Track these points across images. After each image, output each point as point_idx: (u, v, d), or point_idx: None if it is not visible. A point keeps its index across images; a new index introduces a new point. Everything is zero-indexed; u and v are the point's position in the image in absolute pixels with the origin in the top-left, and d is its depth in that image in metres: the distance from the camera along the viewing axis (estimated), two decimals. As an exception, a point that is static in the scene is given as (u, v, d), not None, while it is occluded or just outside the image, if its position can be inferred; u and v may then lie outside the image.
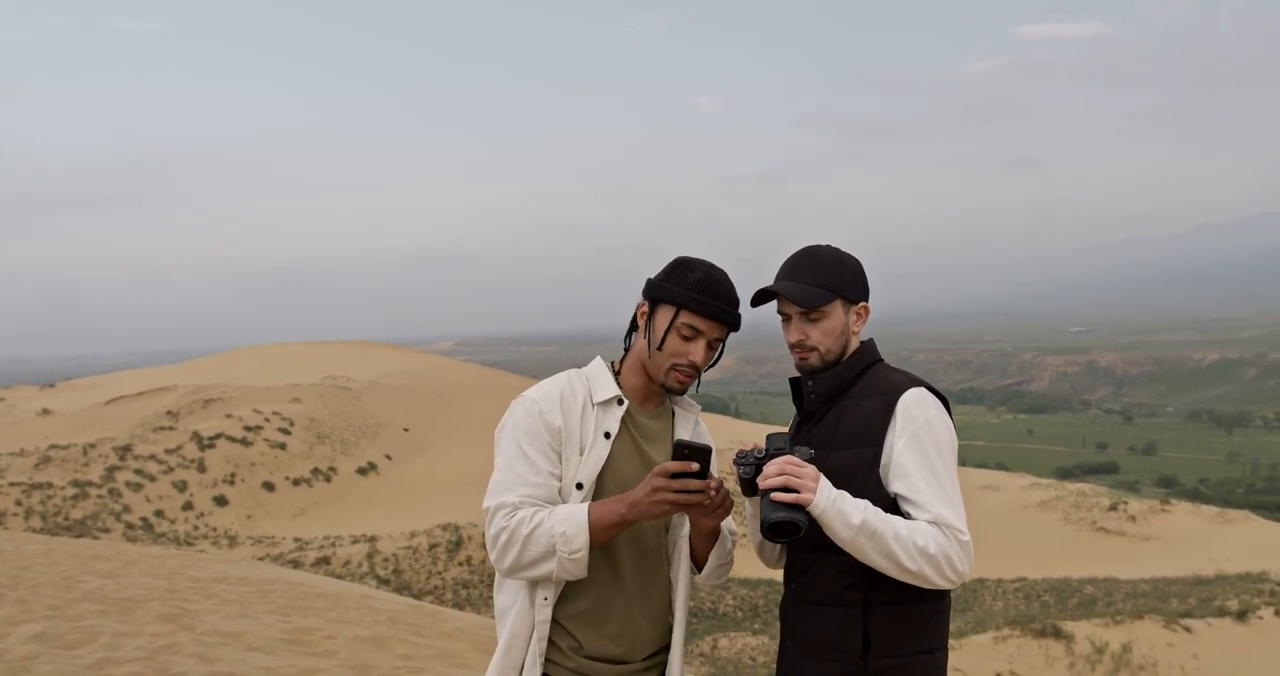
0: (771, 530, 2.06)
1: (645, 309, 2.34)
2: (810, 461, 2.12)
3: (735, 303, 2.31)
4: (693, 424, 2.45)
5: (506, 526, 2.16)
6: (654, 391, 2.39)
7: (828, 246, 2.37)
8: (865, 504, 2.11)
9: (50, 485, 55.17)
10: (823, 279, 2.29)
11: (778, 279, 2.34)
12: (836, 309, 2.31)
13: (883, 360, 2.40)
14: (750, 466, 2.17)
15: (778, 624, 2.47)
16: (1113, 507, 54.27)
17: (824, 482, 2.09)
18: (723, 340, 2.35)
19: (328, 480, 64.24)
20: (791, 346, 2.34)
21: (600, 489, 2.26)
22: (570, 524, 2.13)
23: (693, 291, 2.26)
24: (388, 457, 69.60)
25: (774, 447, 2.15)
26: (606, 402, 2.31)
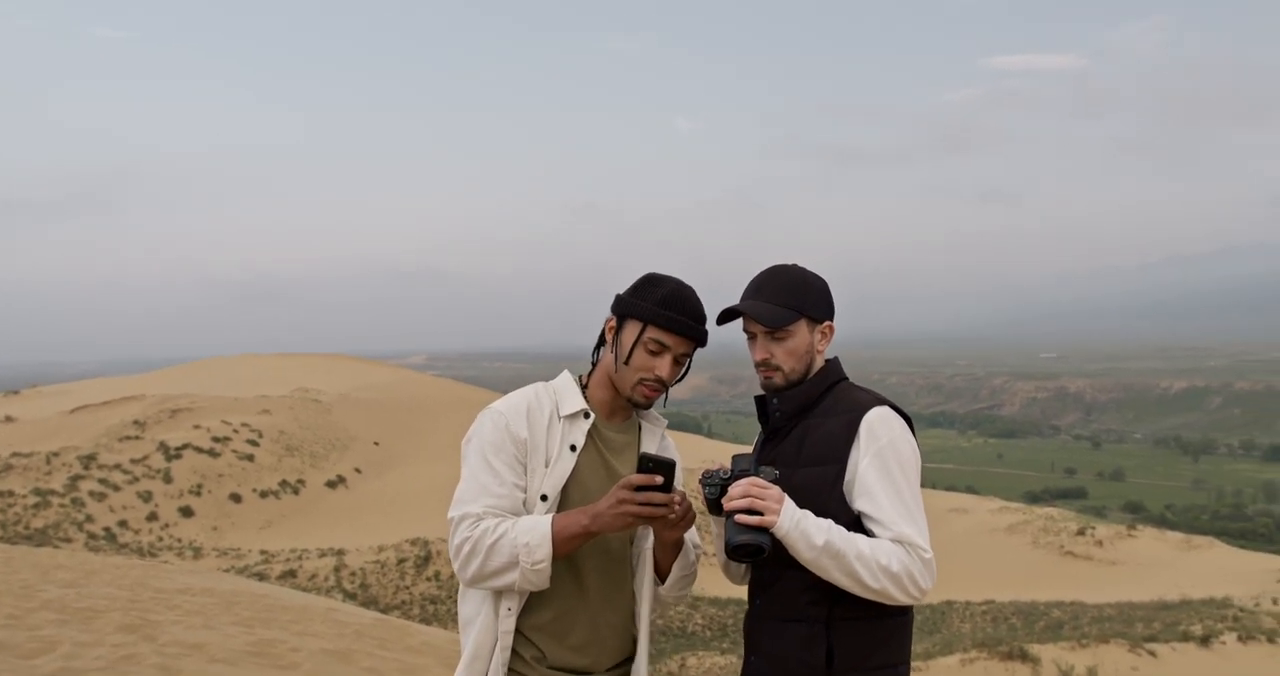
0: (735, 551, 2.08)
1: (613, 324, 2.36)
2: (775, 481, 2.14)
3: (702, 319, 2.33)
4: (659, 438, 2.47)
5: (470, 536, 2.17)
6: (621, 405, 2.40)
7: (793, 266, 2.39)
8: (829, 524, 2.13)
9: (11, 493, 54.31)
10: (787, 298, 2.32)
11: (744, 298, 2.36)
12: (801, 328, 2.33)
13: (847, 379, 2.42)
14: (716, 487, 2.18)
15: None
16: (1080, 532, 54.69)
17: (788, 504, 2.11)
18: (689, 356, 2.36)
19: (296, 493, 63.63)
20: (757, 365, 2.37)
21: (565, 501, 2.27)
22: (533, 535, 2.15)
23: (660, 307, 2.28)
24: (357, 471, 69.07)
25: (739, 469, 2.16)
26: (573, 416, 2.32)
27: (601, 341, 2.41)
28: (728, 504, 2.10)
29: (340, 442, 72.96)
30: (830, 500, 2.21)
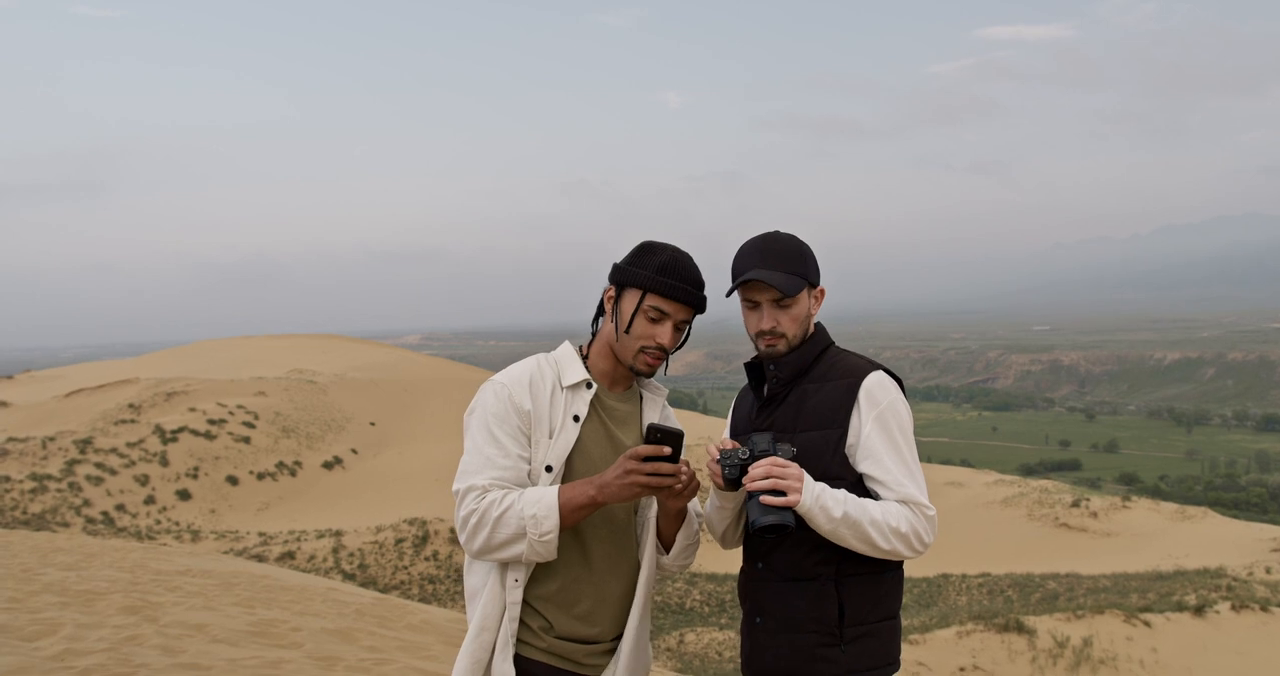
0: (762, 531, 2.15)
1: (612, 293, 2.37)
2: (792, 460, 2.20)
3: (701, 285, 2.35)
4: (660, 408, 2.49)
5: (476, 509, 2.18)
6: (622, 375, 2.43)
7: (787, 233, 2.44)
8: (844, 495, 2.22)
9: (8, 479, 54.31)
10: (792, 265, 2.36)
11: (745, 266, 2.37)
12: (803, 295, 2.40)
13: (834, 343, 2.50)
14: (735, 467, 2.23)
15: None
16: (1075, 504, 54.96)
17: (808, 480, 2.18)
18: (689, 322, 2.38)
19: (293, 474, 63.71)
20: (760, 333, 2.39)
21: (569, 472, 2.29)
22: (540, 506, 2.15)
23: (658, 274, 2.29)
24: (354, 451, 69.14)
25: (758, 449, 2.21)
26: (575, 386, 2.34)
27: (601, 311, 2.42)
28: (750, 484, 2.16)
29: (336, 423, 72.99)
30: (833, 462, 2.31)
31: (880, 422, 2.31)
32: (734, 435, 2.53)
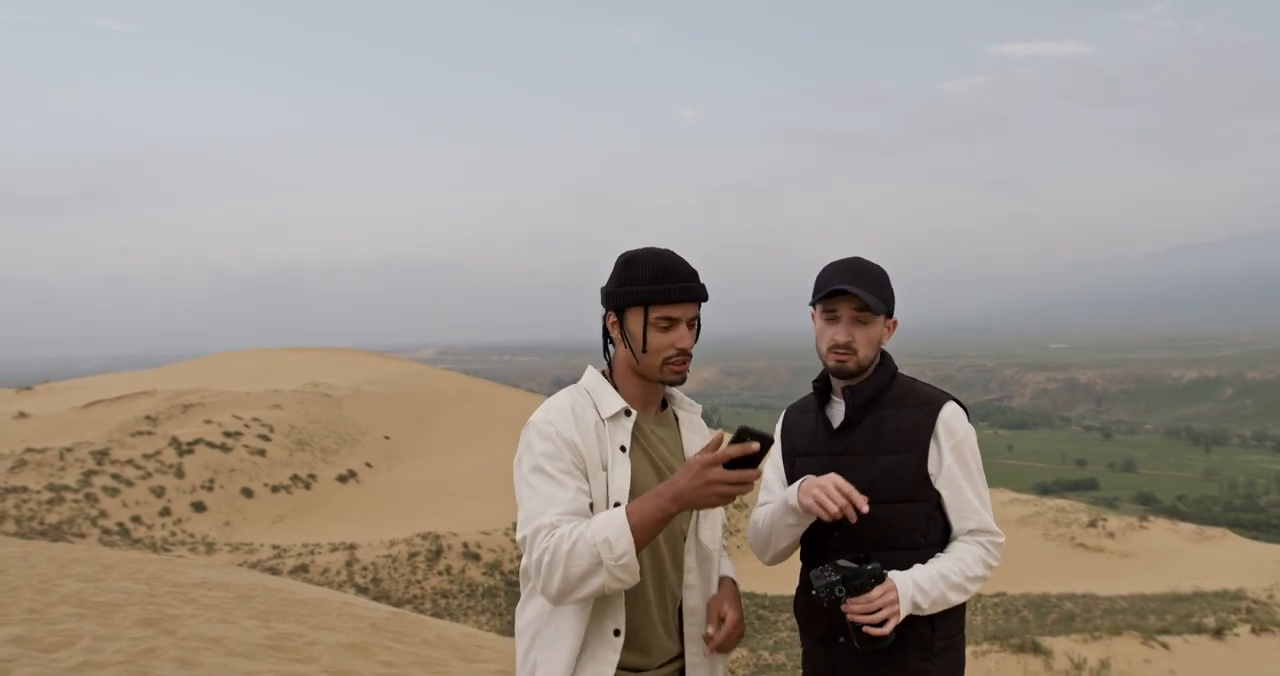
0: (867, 643, 2.31)
1: (614, 320, 2.31)
2: (878, 572, 2.31)
3: (695, 274, 2.29)
4: (699, 427, 2.48)
5: (548, 547, 2.07)
6: (654, 397, 2.37)
7: (870, 261, 2.54)
8: (928, 578, 2.35)
9: (25, 489, 54.60)
10: (876, 288, 2.46)
11: (833, 281, 2.44)
12: (880, 320, 2.49)
13: (899, 370, 2.61)
14: (834, 600, 2.31)
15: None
16: (1091, 524, 54.55)
17: (901, 591, 2.31)
18: (698, 315, 2.33)
19: (307, 487, 63.86)
20: (833, 347, 2.47)
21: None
22: (611, 529, 2.05)
23: (654, 284, 2.24)
24: (368, 465, 69.26)
25: (846, 576, 2.29)
26: (615, 416, 2.27)
27: (608, 339, 2.36)
28: (853, 617, 2.29)
29: (351, 437, 73.17)
30: (913, 484, 2.43)
31: (958, 453, 2.44)
32: (792, 455, 2.58)
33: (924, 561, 2.39)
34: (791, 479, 2.58)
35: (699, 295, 2.28)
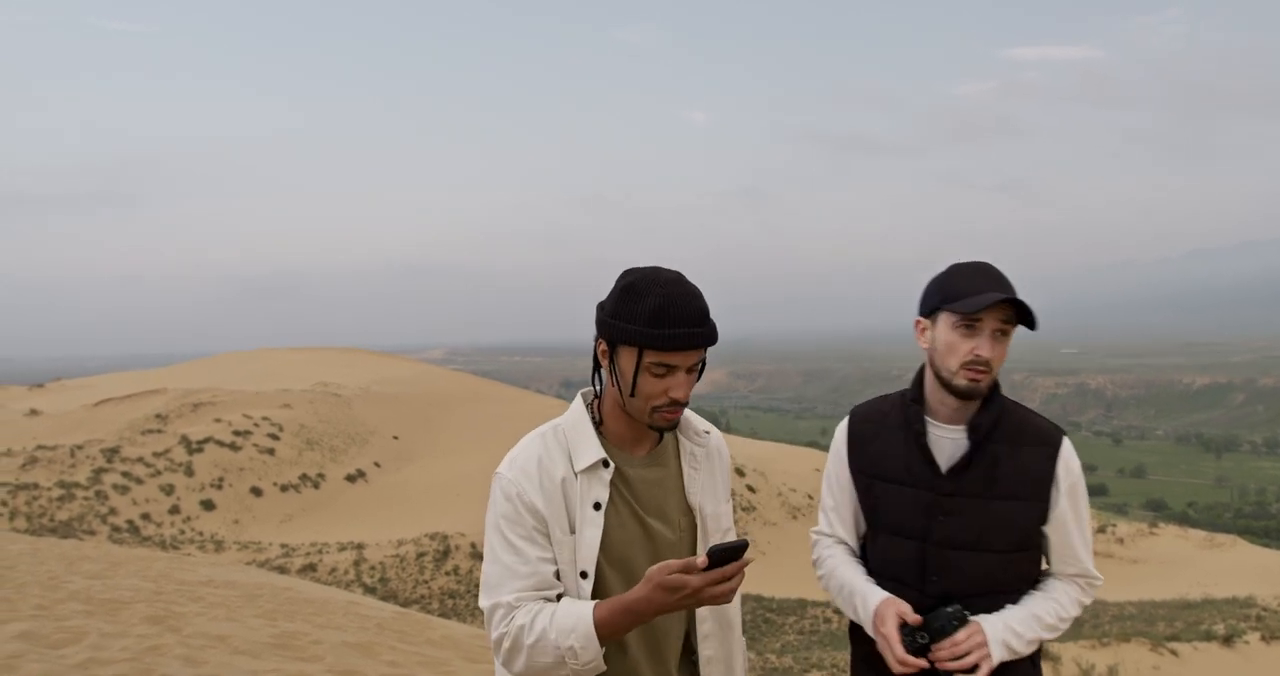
0: None
1: (604, 348, 2.00)
2: (953, 610, 2.14)
3: (704, 317, 1.94)
4: (710, 457, 2.17)
5: (506, 633, 1.93)
6: (644, 435, 2.09)
7: None
8: (1022, 620, 2.16)
9: (36, 486, 54.89)
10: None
11: (978, 287, 2.15)
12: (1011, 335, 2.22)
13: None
14: (918, 647, 2.15)
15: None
16: (1101, 530, 54.38)
17: (991, 636, 2.14)
18: (702, 361, 2.00)
19: (316, 487, 64.04)
20: (970, 363, 2.16)
21: (600, 572, 2.01)
22: (576, 636, 1.88)
23: (651, 326, 1.90)
24: (377, 465, 69.42)
25: (937, 625, 2.14)
26: (591, 468, 2.01)
27: (598, 365, 2.06)
28: (942, 664, 2.11)
29: (360, 437, 73.35)
30: (1028, 534, 2.21)
31: (1072, 496, 2.23)
32: (871, 476, 2.30)
33: (1015, 601, 2.21)
34: (869, 503, 2.31)
35: (704, 342, 1.95)
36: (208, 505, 57.78)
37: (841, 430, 2.39)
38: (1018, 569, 2.23)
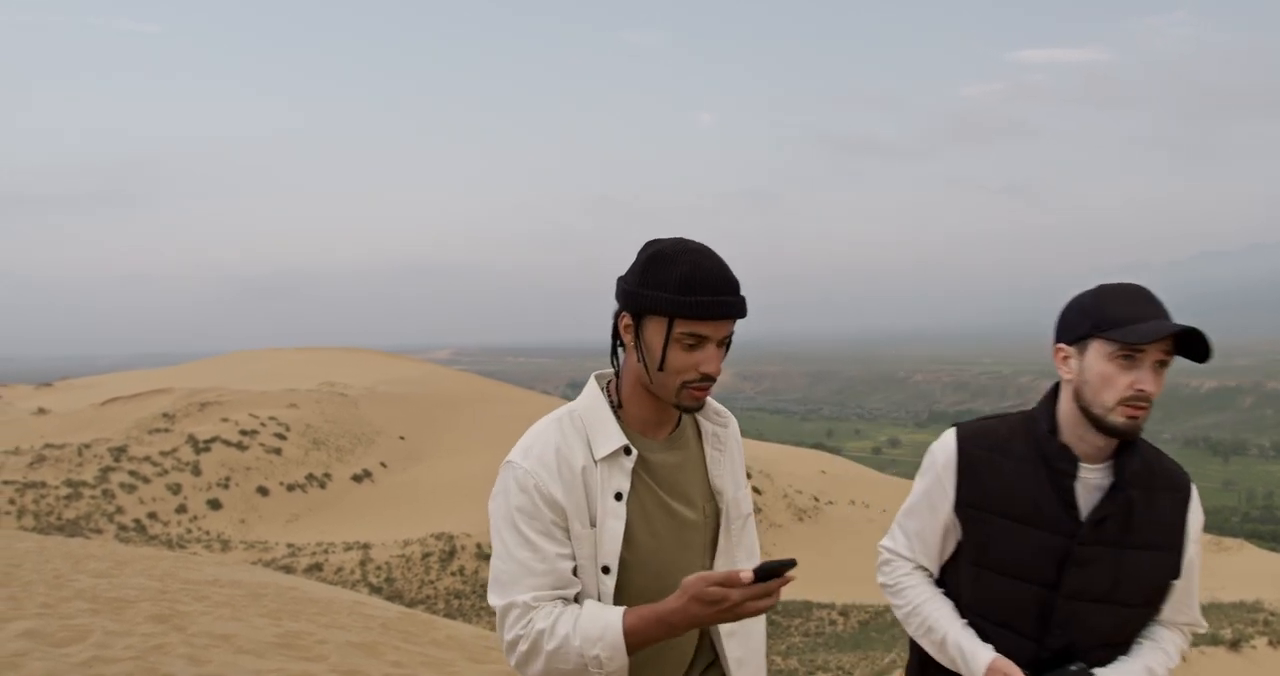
0: None
1: (628, 322, 1.86)
2: (1077, 668, 1.98)
3: (736, 286, 1.83)
4: (729, 442, 2.05)
5: (524, 635, 1.81)
6: (666, 417, 1.95)
7: None
8: (1136, 672, 2.01)
9: (44, 484, 55.09)
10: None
11: (1146, 314, 1.92)
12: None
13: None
14: None
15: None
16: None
17: None
18: (732, 333, 1.88)
19: (322, 486, 64.17)
20: (1132, 399, 1.91)
21: (624, 562, 1.88)
22: (603, 646, 1.77)
23: (682, 293, 1.79)
24: (383, 465, 69.53)
25: None
26: (612, 456, 1.88)
27: (618, 341, 1.92)
28: None
29: (366, 436, 73.48)
30: (1164, 588, 2.01)
31: (1197, 543, 2.04)
32: (984, 510, 2.04)
33: (1126, 653, 2.03)
34: (977, 539, 2.05)
35: (738, 312, 1.82)
36: (214, 504, 57.92)
37: (946, 451, 2.10)
38: (1143, 622, 2.04)
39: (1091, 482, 1.99)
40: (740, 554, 2.02)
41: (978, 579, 2.06)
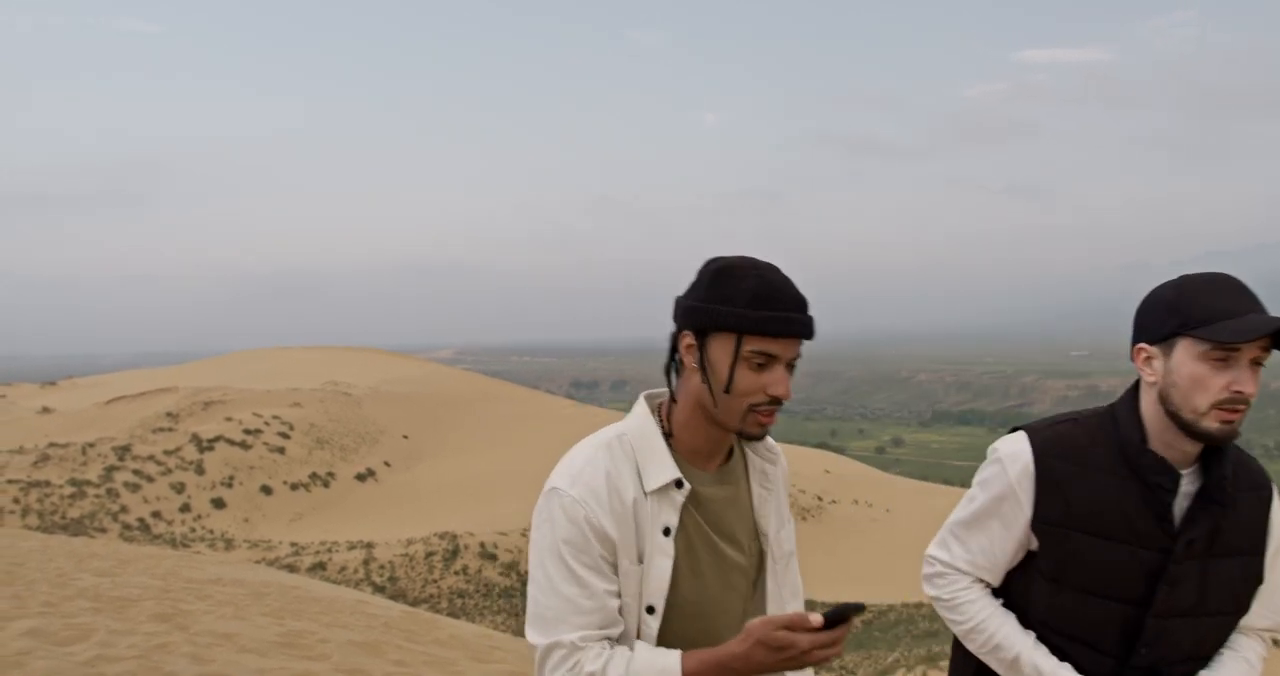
0: None
1: (690, 341, 1.73)
2: None
3: (805, 304, 1.72)
4: (777, 486, 1.93)
5: None
6: (719, 447, 1.82)
7: None
8: None
9: (48, 483, 55.20)
10: None
11: (1241, 307, 1.75)
12: None
13: None
14: None
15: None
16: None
17: None
18: (799, 356, 1.76)
19: (326, 485, 64.25)
20: (1228, 402, 1.73)
21: (666, 602, 1.77)
22: None
23: (753, 307, 1.68)
24: (387, 464, 69.60)
25: None
26: (662, 489, 1.76)
27: (675, 363, 1.79)
28: None
29: (370, 436, 73.55)
30: (1249, 595, 1.88)
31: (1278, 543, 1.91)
32: (1064, 525, 1.87)
33: (1206, 665, 1.91)
34: (1057, 556, 1.88)
35: (808, 331, 1.72)
36: (218, 503, 57.99)
37: (1020, 461, 1.91)
38: (1227, 632, 1.90)
39: (1181, 491, 1.83)
40: (786, 594, 1.91)
41: (1055, 595, 1.91)
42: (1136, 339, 1.84)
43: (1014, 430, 1.98)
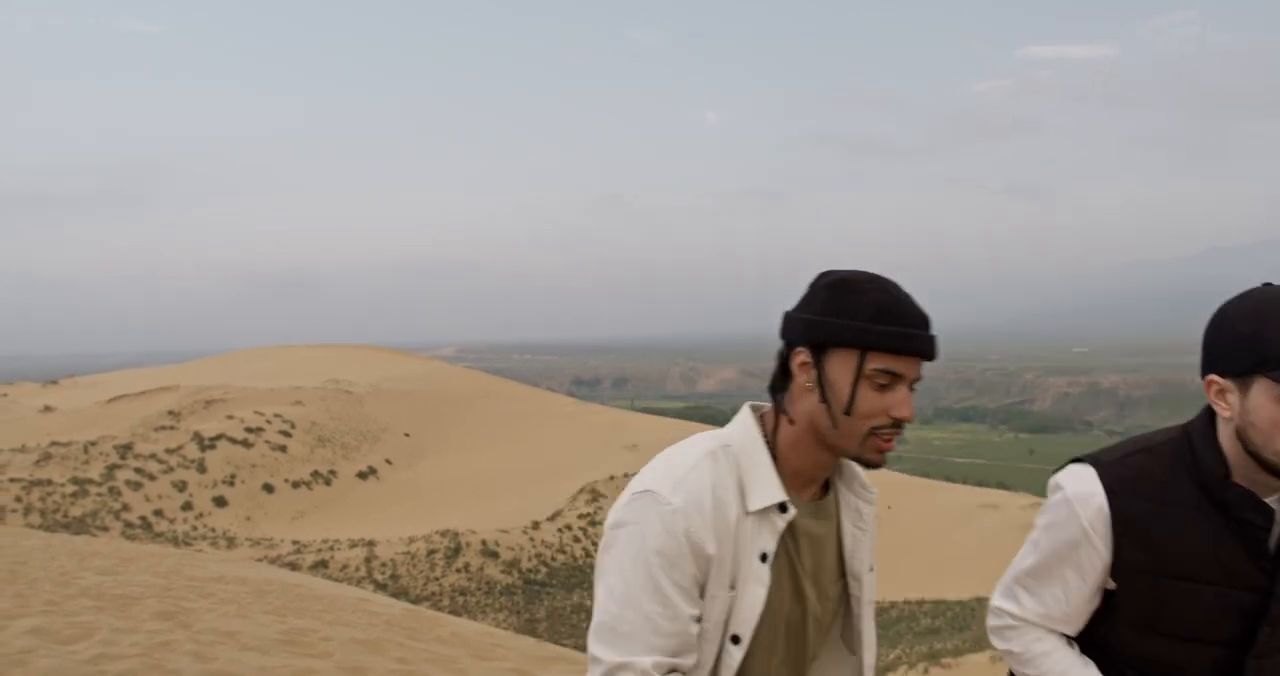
0: None
1: (805, 358, 1.61)
2: None
3: (929, 321, 1.61)
4: (867, 520, 1.76)
5: None
6: (822, 473, 1.68)
7: None
8: None
9: (50, 482, 55.25)
10: None
11: None
12: None
13: None
14: None
15: None
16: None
17: None
18: (920, 378, 1.63)
19: (327, 483, 64.29)
20: None
21: (753, 638, 1.62)
22: None
23: (877, 322, 1.55)
24: (388, 462, 69.64)
25: None
26: (765, 511, 1.60)
27: (784, 381, 1.67)
28: None
29: (371, 434, 73.59)
30: None
31: None
32: (1156, 573, 1.71)
33: None
34: (1144, 605, 1.72)
35: (934, 349, 1.60)
36: (220, 501, 58.04)
37: (1092, 504, 1.73)
38: None
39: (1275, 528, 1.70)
40: (863, 643, 1.76)
41: (1142, 642, 1.76)
42: (1208, 368, 1.68)
43: (1075, 460, 1.82)
